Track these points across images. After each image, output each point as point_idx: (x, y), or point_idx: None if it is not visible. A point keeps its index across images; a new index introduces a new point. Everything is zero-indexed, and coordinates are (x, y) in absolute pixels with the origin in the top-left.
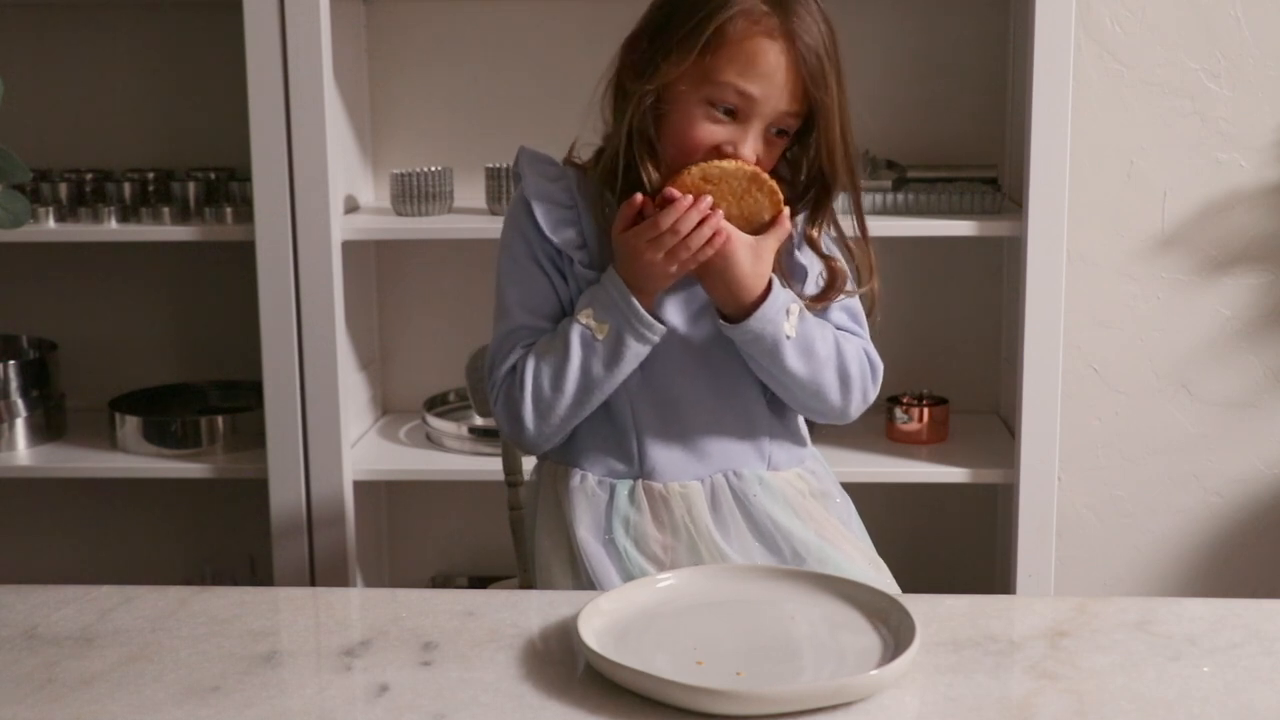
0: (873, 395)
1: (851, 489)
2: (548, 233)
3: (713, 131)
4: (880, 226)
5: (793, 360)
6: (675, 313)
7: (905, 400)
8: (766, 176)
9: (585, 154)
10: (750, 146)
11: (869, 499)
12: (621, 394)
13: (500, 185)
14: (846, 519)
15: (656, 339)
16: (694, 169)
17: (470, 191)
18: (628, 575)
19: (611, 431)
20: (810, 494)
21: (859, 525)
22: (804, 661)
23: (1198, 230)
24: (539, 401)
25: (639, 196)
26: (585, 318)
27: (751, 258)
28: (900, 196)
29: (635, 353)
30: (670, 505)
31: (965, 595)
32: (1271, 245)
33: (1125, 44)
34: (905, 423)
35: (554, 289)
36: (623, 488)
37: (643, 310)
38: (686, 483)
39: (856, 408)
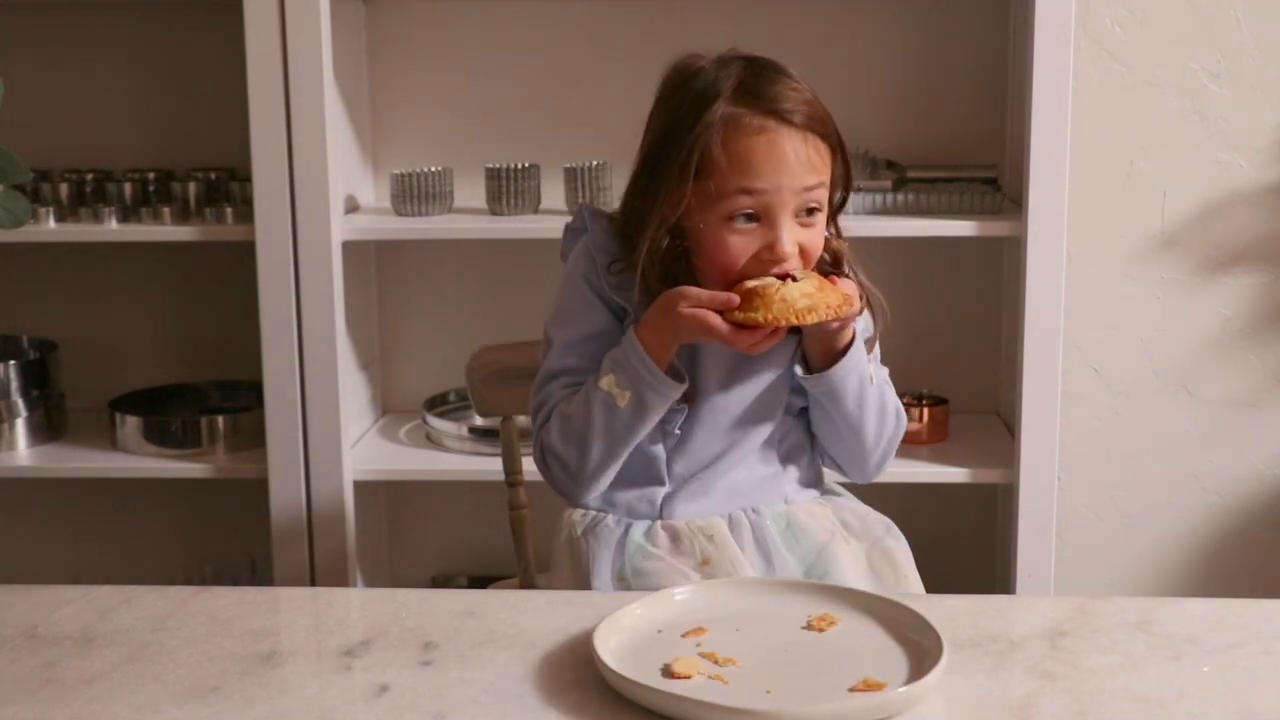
0: (893, 454)
1: (851, 489)
2: (609, 293)
3: (743, 244)
4: (880, 226)
5: (872, 406)
6: (713, 371)
7: (905, 400)
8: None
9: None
10: (787, 240)
11: (868, 500)
12: (652, 449)
13: (500, 185)
14: (849, 563)
15: (678, 395)
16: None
17: (470, 191)
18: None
19: (637, 480)
20: (832, 524)
21: (868, 571)
22: (832, 678)
23: (1198, 230)
24: (567, 466)
25: (737, 299)
26: (607, 385)
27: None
28: (900, 196)
29: (659, 409)
30: (693, 539)
31: (965, 595)
32: (1271, 245)
33: (1125, 44)
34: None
35: (612, 329)
36: (639, 527)
37: (663, 374)
38: (709, 519)
39: (878, 462)
